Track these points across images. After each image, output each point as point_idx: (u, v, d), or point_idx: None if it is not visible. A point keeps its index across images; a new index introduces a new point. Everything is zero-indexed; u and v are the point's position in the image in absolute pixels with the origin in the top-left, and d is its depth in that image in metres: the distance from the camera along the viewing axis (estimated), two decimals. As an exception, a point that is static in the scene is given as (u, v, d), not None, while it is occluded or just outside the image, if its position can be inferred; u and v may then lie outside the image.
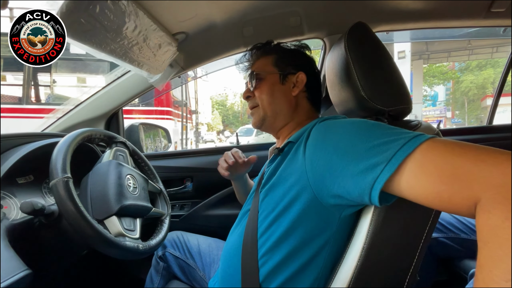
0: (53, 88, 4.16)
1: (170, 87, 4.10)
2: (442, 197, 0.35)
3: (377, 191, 0.40)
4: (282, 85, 0.70)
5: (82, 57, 4.01)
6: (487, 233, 0.30)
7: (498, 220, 0.29)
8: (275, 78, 0.70)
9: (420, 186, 0.37)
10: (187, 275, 0.86)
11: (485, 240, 0.30)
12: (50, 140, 0.84)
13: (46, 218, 0.69)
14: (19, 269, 0.55)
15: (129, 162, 0.86)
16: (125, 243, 0.66)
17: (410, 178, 0.38)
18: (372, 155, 0.42)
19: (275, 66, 0.71)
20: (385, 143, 0.41)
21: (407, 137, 0.40)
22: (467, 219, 0.94)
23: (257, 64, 0.74)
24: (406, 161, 0.38)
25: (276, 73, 0.70)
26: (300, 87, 0.70)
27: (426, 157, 0.37)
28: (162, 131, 1.75)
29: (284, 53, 0.74)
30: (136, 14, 0.72)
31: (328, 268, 0.55)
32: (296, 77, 0.70)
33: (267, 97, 0.70)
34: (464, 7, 1.00)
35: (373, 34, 0.63)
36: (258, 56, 0.75)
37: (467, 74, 13.65)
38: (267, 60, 0.73)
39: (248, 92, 0.73)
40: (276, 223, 0.55)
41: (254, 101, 0.72)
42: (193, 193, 1.26)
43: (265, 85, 0.70)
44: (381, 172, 0.40)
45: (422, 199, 0.38)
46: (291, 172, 0.55)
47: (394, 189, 0.40)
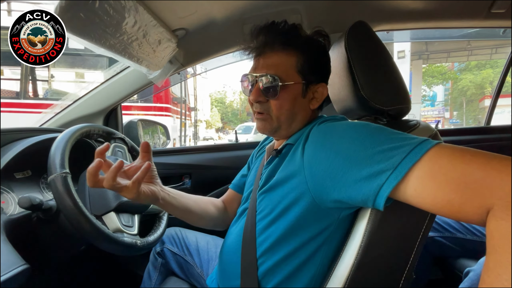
0: (51, 83, 4.13)
1: (169, 84, 4.09)
2: (452, 205, 0.35)
3: (383, 198, 0.40)
4: (303, 98, 0.60)
5: (81, 52, 3.98)
6: (498, 239, 0.30)
7: (510, 227, 0.29)
8: (298, 89, 0.59)
9: (428, 194, 0.37)
10: (185, 271, 0.86)
11: (496, 246, 0.30)
12: (48, 135, 0.84)
13: (44, 213, 0.69)
14: (17, 264, 0.55)
15: (127, 158, 0.86)
16: (123, 239, 0.66)
17: (417, 186, 0.38)
18: (377, 162, 0.41)
19: (299, 72, 0.58)
20: (389, 149, 0.41)
21: (413, 144, 0.40)
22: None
23: (274, 58, 0.58)
24: (413, 168, 0.38)
25: (300, 82, 0.58)
26: (320, 101, 0.62)
27: (435, 164, 0.37)
28: (160, 127, 1.74)
29: (312, 55, 0.59)
30: (136, 10, 0.72)
31: (325, 266, 0.56)
32: (316, 88, 0.61)
33: (287, 112, 0.59)
34: (465, 8, 1.00)
35: (373, 33, 0.63)
36: (277, 48, 0.58)
37: (466, 73, 13.69)
38: (289, 60, 0.58)
39: (260, 97, 0.59)
40: (275, 225, 0.55)
41: (266, 108, 0.60)
42: (191, 190, 1.26)
43: (286, 95, 0.58)
44: (387, 179, 0.39)
45: (429, 207, 0.37)
46: (289, 175, 0.54)
47: (399, 196, 0.40)
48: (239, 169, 0.88)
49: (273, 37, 0.58)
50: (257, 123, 0.63)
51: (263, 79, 0.58)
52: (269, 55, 0.59)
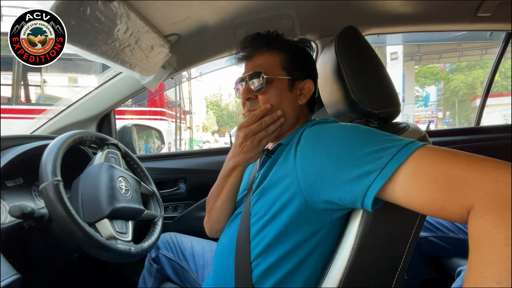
0: (44, 88, 4.08)
1: (164, 88, 4.07)
2: (436, 204, 0.36)
3: (370, 198, 0.41)
4: (290, 92, 0.63)
5: (74, 56, 3.95)
6: (480, 238, 0.31)
7: (491, 226, 0.30)
8: (283, 84, 0.63)
9: (414, 194, 0.38)
10: (180, 277, 0.86)
11: (478, 245, 0.31)
12: (40, 142, 0.83)
13: (36, 222, 0.68)
14: (7, 274, 0.55)
15: (121, 164, 0.85)
16: (117, 246, 0.66)
17: (404, 186, 0.39)
18: (365, 163, 0.42)
19: (283, 68, 0.63)
20: (377, 151, 0.42)
21: (400, 145, 0.41)
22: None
23: (260, 59, 0.64)
24: (400, 169, 0.39)
25: (285, 77, 0.63)
26: (308, 96, 0.65)
27: (419, 165, 0.38)
28: (155, 132, 1.73)
29: (294, 54, 0.65)
30: (127, 16, 0.72)
31: (319, 269, 0.56)
32: (303, 84, 0.65)
33: (274, 104, 0.62)
34: (452, 12, 1.03)
35: (363, 38, 0.64)
36: (262, 50, 0.64)
37: (457, 74, 13.94)
38: (273, 59, 0.64)
39: (249, 94, 0.63)
40: (268, 227, 0.55)
41: (255, 105, 0.64)
42: (186, 194, 1.25)
43: (272, 90, 0.62)
44: (375, 180, 0.40)
45: (416, 206, 0.39)
46: (282, 176, 0.55)
47: (387, 196, 0.41)
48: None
49: (259, 42, 0.65)
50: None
51: (250, 77, 0.63)
52: (256, 58, 0.65)
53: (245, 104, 0.65)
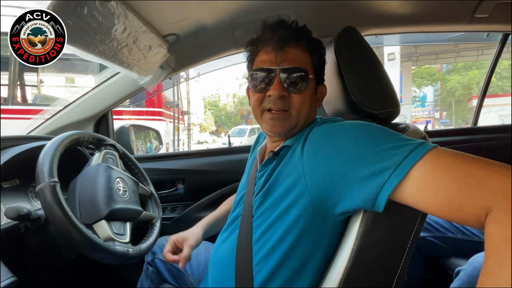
0: (41, 88, 4.05)
1: (162, 88, 4.06)
2: (453, 205, 0.35)
3: (384, 197, 0.40)
4: (315, 95, 0.63)
5: (71, 56, 3.92)
6: (498, 242, 0.30)
7: (510, 230, 0.30)
8: (313, 86, 0.61)
9: (430, 193, 0.37)
10: (177, 279, 0.85)
11: (496, 249, 0.30)
12: (36, 143, 0.82)
13: (32, 224, 0.67)
14: (4, 276, 0.54)
15: (118, 165, 0.84)
16: (115, 248, 0.65)
17: (420, 185, 0.38)
18: (378, 160, 0.41)
19: (314, 69, 0.60)
20: (391, 148, 0.41)
21: (414, 144, 0.40)
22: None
23: (294, 53, 0.57)
24: (415, 167, 0.38)
25: (314, 79, 0.61)
26: (321, 101, 0.65)
27: (437, 163, 0.37)
28: (153, 132, 1.73)
29: (319, 56, 0.62)
30: (125, 16, 0.72)
31: (321, 271, 0.55)
32: (322, 88, 0.64)
33: (306, 107, 0.58)
34: (449, 13, 1.03)
35: (362, 39, 0.64)
36: (291, 43, 0.57)
37: (453, 75, 14.04)
38: (306, 57, 0.59)
39: (284, 92, 0.56)
40: (273, 228, 0.54)
41: (286, 104, 0.57)
42: (184, 195, 1.25)
43: (309, 91, 0.59)
44: (389, 177, 0.39)
45: (430, 207, 0.37)
46: (288, 177, 0.53)
47: (399, 196, 0.40)
48: (232, 173, 0.88)
49: (290, 33, 0.58)
50: (272, 122, 0.59)
51: (287, 72, 0.56)
52: (288, 49, 0.57)
53: (271, 101, 0.57)
